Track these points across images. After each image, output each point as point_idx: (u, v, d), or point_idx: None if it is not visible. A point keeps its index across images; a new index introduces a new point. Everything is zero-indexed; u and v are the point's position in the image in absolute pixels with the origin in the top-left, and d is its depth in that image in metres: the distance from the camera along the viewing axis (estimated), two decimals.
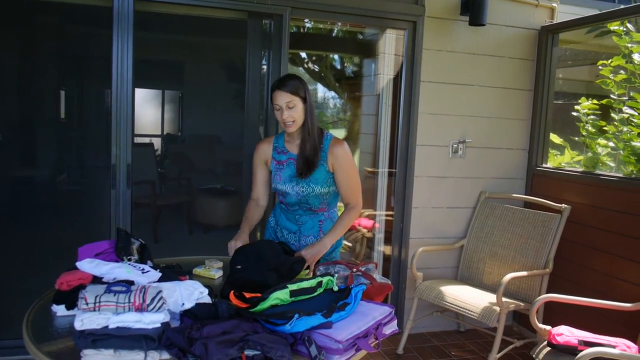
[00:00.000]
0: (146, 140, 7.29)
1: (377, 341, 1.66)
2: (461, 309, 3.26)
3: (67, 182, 5.48)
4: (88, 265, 1.81)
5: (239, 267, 1.91)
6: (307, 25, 5.70)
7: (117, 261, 1.93)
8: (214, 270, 2.23)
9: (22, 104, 5.36)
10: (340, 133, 6.58)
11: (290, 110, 2.22)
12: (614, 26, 3.59)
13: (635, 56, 3.54)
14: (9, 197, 4.81)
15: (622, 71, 3.63)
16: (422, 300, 3.48)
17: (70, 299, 1.70)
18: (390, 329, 1.74)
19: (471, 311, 3.20)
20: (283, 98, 2.21)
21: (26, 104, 5.37)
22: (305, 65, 6.73)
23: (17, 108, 5.32)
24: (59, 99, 5.72)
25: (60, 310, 1.73)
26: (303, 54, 6.52)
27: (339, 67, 7.06)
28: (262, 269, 1.86)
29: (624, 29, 3.58)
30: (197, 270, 2.22)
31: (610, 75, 3.66)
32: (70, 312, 1.69)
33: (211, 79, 6.83)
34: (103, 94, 6.37)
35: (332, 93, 6.84)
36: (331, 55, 6.72)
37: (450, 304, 3.32)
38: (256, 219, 2.49)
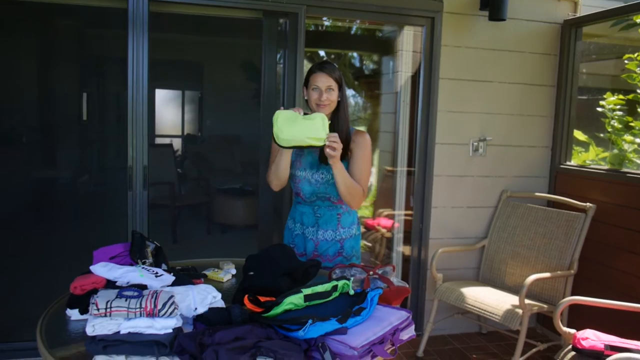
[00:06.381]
0: (167, 140, 7.34)
1: (393, 347, 1.62)
2: (483, 312, 3.19)
3: (87, 184, 5.54)
4: (101, 269, 1.80)
5: (251, 273, 1.88)
6: (326, 23, 5.67)
7: (131, 264, 1.92)
8: (223, 273, 2.19)
9: (45, 106, 5.43)
10: None
11: (328, 93, 2.23)
12: None
13: None
14: (28, 198, 4.87)
15: None
16: (442, 301, 3.42)
17: (84, 303, 1.68)
18: (408, 334, 1.69)
19: (493, 314, 3.13)
20: (324, 81, 2.23)
21: (48, 106, 5.44)
22: None
23: (39, 110, 5.39)
24: (80, 101, 5.79)
25: (74, 314, 1.72)
26: (322, 52, 6.48)
27: (357, 65, 7.01)
28: (275, 275, 1.83)
29: None
30: (206, 273, 2.19)
31: (637, 69, 3.54)
32: (85, 317, 1.68)
33: (230, 79, 6.85)
34: (124, 96, 6.42)
35: (351, 91, 6.80)
36: (350, 53, 6.67)
37: (472, 306, 3.25)
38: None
